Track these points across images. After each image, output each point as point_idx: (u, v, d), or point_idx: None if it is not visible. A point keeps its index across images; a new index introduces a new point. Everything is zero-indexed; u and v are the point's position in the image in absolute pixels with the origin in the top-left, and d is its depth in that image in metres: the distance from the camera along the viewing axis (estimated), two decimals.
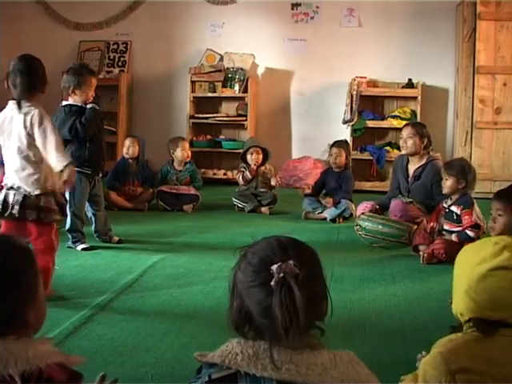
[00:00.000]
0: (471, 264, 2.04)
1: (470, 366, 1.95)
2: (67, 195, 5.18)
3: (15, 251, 1.74)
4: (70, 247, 5.28)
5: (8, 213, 3.86)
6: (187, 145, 7.40)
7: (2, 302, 1.64)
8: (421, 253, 5.09)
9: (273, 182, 7.15)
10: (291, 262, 1.58)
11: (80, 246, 5.28)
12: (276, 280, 1.56)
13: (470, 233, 4.99)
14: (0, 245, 1.74)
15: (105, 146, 5.63)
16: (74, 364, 1.71)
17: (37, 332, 1.76)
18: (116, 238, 5.55)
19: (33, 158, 3.92)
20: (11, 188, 3.90)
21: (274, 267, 1.57)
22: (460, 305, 2.05)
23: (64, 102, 5.40)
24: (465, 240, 4.85)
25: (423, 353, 2.42)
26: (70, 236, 5.31)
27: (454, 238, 5.07)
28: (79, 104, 5.30)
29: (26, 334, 1.68)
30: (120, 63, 9.45)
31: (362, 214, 5.82)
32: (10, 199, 3.88)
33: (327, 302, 1.67)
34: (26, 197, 3.87)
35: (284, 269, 1.57)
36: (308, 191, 6.94)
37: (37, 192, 3.88)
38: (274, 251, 1.64)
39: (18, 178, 3.91)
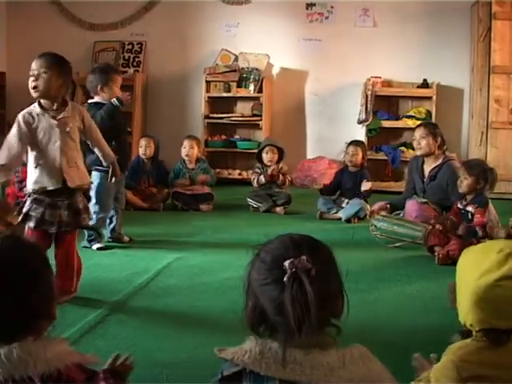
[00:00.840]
0: (476, 274, 2.01)
1: (481, 374, 1.94)
2: (92, 193, 5.23)
3: (31, 250, 1.76)
4: (86, 247, 5.29)
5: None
6: (194, 142, 7.37)
7: (28, 300, 1.65)
8: (436, 253, 5.07)
9: (269, 171, 7.13)
10: (304, 257, 1.58)
11: (96, 246, 5.30)
12: (288, 275, 1.56)
13: (478, 230, 4.98)
14: (14, 245, 1.76)
15: (128, 145, 5.68)
16: (91, 363, 1.72)
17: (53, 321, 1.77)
18: (127, 238, 5.57)
19: None
20: None
21: (287, 263, 1.58)
22: (468, 316, 2.03)
23: (90, 100, 5.45)
24: (471, 235, 4.87)
25: (432, 355, 2.41)
26: (86, 234, 5.32)
27: (460, 230, 5.06)
28: (106, 101, 5.34)
29: (43, 332, 1.69)
30: (135, 63, 9.47)
31: (377, 214, 5.80)
32: None
33: (343, 301, 1.67)
34: None
35: (296, 264, 1.57)
36: (318, 187, 6.95)
37: None
38: (287, 248, 1.64)
39: None
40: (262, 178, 7.14)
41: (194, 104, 9.24)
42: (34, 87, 3.84)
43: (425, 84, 8.69)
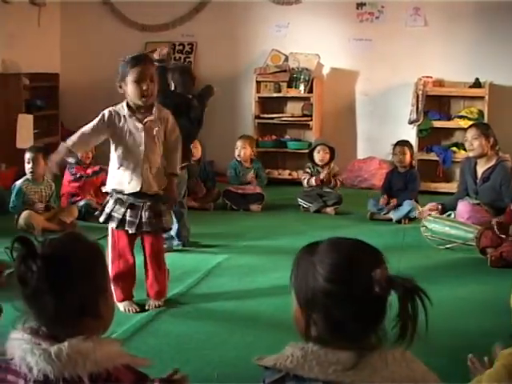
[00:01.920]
0: None
1: None
2: None
3: (86, 245, 1.78)
4: None
5: None
6: (246, 143, 7.37)
7: (76, 289, 1.68)
8: (488, 255, 5.01)
9: (321, 176, 7.10)
10: (385, 265, 1.61)
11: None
12: (380, 285, 1.57)
13: None
14: (71, 239, 1.79)
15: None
16: (140, 366, 1.73)
17: (105, 332, 1.78)
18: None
19: None
20: None
21: (377, 273, 1.58)
22: None
23: None
24: None
25: (485, 358, 2.39)
26: None
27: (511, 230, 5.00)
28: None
29: (96, 331, 1.71)
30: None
31: (429, 215, 5.76)
32: None
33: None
34: None
35: (383, 274, 1.59)
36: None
37: None
38: (368, 256, 1.66)
39: None
40: (313, 181, 7.12)
41: (244, 104, 9.27)
42: (146, 95, 3.88)
43: (477, 83, 8.58)
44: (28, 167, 5.98)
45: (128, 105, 3.94)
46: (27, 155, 6.02)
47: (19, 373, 1.66)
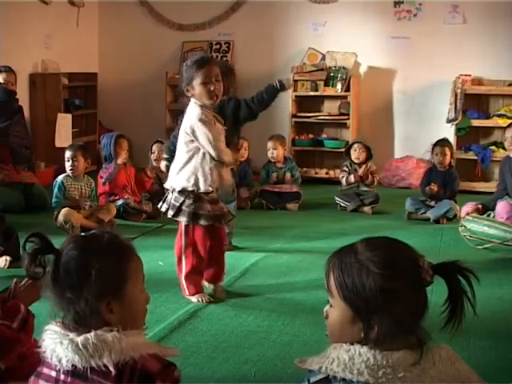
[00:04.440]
0: None
1: None
2: None
3: (112, 246, 1.80)
4: None
5: None
6: (277, 143, 7.34)
7: (83, 290, 1.71)
8: None
9: (359, 172, 7.08)
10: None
11: None
12: (429, 273, 1.61)
13: None
14: (100, 238, 1.81)
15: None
16: (169, 356, 1.75)
17: (136, 327, 1.79)
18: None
19: None
20: None
21: (425, 264, 1.61)
22: None
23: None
24: None
25: None
26: None
27: None
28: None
29: (122, 326, 1.73)
30: None
31: (467, 214, 5.71)
32: None
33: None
34: None
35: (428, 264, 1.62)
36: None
37: None
38: (407, 251, 1.67)
39: None
40: (352, 178, 7.10)
41: (281, 103, 9.23)
42: (215, 95, 3.98)
43: None
44: (68, 165, 6.01)
45: (207, 107, 4.00)
46: (67, 153, 6.06)
47: (51, 364, 1.72)
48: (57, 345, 1.69)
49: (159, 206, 4.18)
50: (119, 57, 9.78)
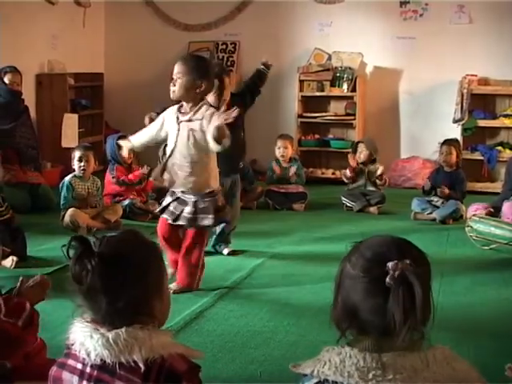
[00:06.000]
0: None
1: None
2: None
3: (143, 245, 1.82)
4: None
5: None
6: (287, 142, 7.34)
7: (130, 289, 1.71)
8: None
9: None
10: (407, 261, 1.56)
11: (225, 250, 5.29)
12: (392, 277, 1.54)
13: None
14: (130, 238, 1.82)
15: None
16: (195, 357, 1.76)
17: (161, 327, 1.83)
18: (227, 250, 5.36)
19: None
20: None
21: (390, 264, 1.55)
22: None
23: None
24: None
25: None
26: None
27: None
28: None
29: (151, 326, 1.75)
30: (229, 63, 9.55)
31: (474, 215, 5.70)
32: None
33: (432, 308, 1.65)
34: None
35: (401, 267, 1.55)
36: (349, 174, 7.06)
37: None
38: (389, 248, 1.62)
39: None
40: (347, 172, 7.12)
41: (287, 103, 9.26)
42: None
43: None
44: (80, 165, 5.97)
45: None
46: (78, 153, 6.02)
47: (78, 357, 1.72)
48: (86, 338, 1.70)
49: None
50: (125, 57, 9.78)
